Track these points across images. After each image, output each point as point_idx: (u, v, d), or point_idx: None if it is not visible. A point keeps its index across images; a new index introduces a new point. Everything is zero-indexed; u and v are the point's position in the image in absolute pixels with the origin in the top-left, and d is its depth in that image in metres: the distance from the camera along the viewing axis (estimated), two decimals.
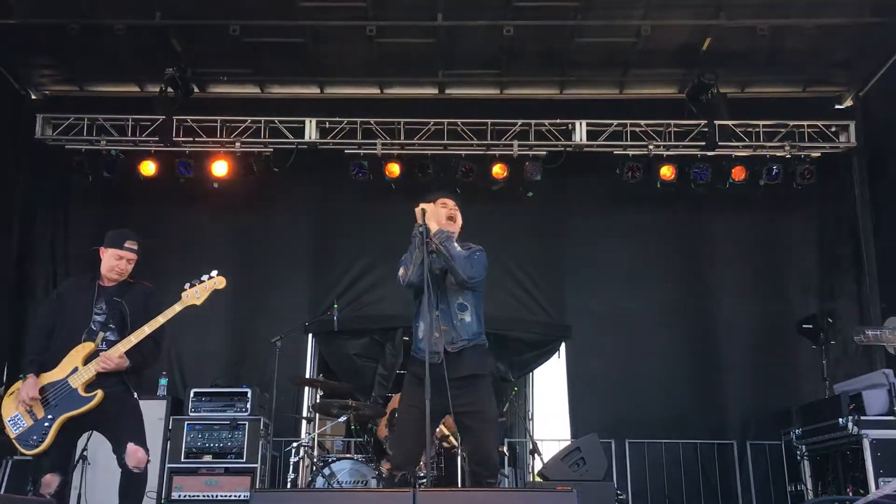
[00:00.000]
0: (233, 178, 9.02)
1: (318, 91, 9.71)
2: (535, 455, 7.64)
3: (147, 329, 4.39)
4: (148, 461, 4.32)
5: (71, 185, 9.45)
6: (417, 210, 4.37)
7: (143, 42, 8.41)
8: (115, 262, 4.58)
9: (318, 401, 8.24)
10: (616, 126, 9.05)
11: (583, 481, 6.21)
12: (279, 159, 9.12)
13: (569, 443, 7.41)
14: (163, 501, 7.20)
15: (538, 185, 9.03)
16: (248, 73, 9.34)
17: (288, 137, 9.09)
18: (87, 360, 4.34)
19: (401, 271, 4.35)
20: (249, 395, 7.66)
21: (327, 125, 9.14)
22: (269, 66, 9.20)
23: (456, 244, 4.29)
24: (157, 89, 8.71)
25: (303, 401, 8.90)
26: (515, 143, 9.00)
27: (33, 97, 9.61)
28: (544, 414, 9.65)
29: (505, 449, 8.35)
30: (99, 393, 4.29)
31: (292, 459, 7.11)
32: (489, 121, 9.07)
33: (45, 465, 4.22)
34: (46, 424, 4.20)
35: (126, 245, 4.60)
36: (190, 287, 4.57)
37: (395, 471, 4.13)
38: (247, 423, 7.47)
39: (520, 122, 9.07)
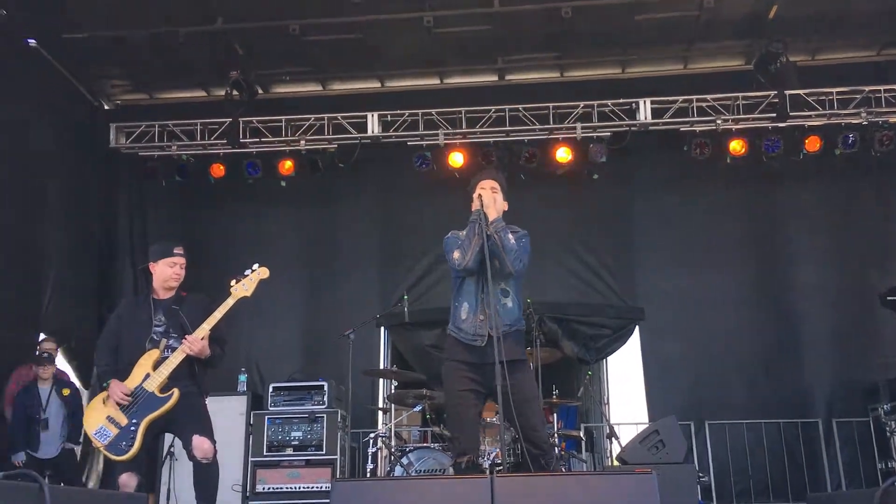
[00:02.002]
0: (299, 176, 9.17)
1: (378, 85, 9.78)
2: (613, 439, 7.56)
3: (206, 326, 4.54)
4: (215, 452, 4.40)
5: (145, 190, 9.76)
6: (475, 196, 4.39)
7: (207, 48, 8.59)
8: (169, 270, 4.73)
9: (392, 391, 8.31)
10: (682, 102, 8.86)
11: (662, 464, 6.12)
12: (343, 155, 9.22)
13: (646, 426, 7.31)
14: (248, 494, 7.39)
15: (603, 166, 8.91)
16: (309, 71, 9.47)
17: (351, 133, 9.19)
18: (156, 365, 4.48)
19: (456, 255, 4.34)
20: (326, 388, 7.79)
21: (389, 118, 9.20)
22: (330, 63, 9.30)
23: (510, 234, 4.29)
24: (223, 93, 8.92)
25: (378, 392, 9.01)
26: (578, 125, 8.90)
27: (106, 107, 9.96)
28: (620, 397, 9.54)
29: (582, 434, 8.30)
30: (175, 392, 4.41)
31: (370, 450, 7.20)
32: (551, 104, 8.99)
33: (119, 467, 4.36)
34: (133, 429, 4.34)
35: (175, 251, 4.77)
36: (236, 282, 4.72)
37: (461, 457, 4.16)
38: (325, 415, 7.60)
39: (582, 104, 8.97)
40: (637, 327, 9.13)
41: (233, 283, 4.73)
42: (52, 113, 8.76)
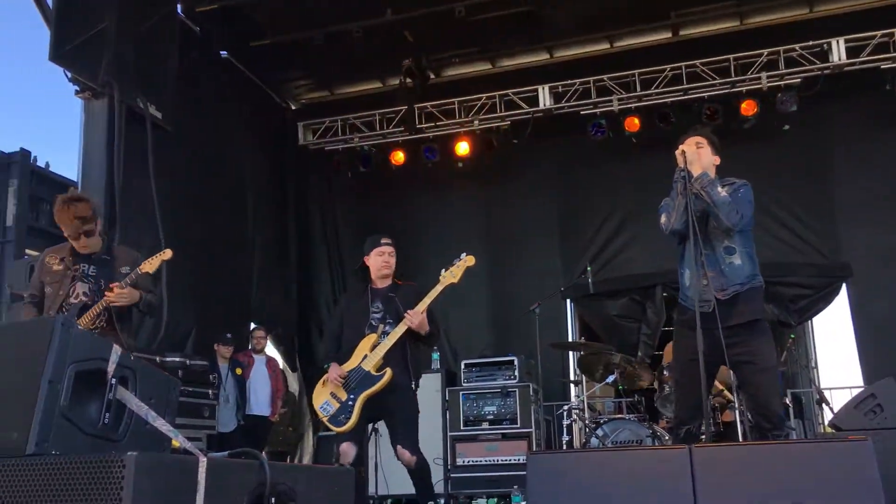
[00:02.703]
0: (475, 155, 9.31)
1: (547, 57, 9.69)
2: (823, 405, 7.10)
3: (423, 304, 4.79)
4: (416, 459, 4.65)
5: (333, 182, 10.30)
6: (678, 154, 4.14)
7: (378, 40, 8.89)
8: (380, 260, 4.97)
9: (582, 363, 8.28)
10: (881, 37, 8.09)
11: (882, 430, 5.67)
12: (517, 131, 9.24)
13: (861, 389, 6.79)
14: (449, 467, 7.66)
15: (794, 116, 8.34)
16: (477, 50, 9.56)
17: (523, 108, 9.18)
18: (373, 347, 4.75)
19: (662, 219, 4.13)
20: (516, 362, 7.89)
21: (560, 89, 9.10)
22: (497, 40, 9.34)
23: (719, 188, 4.00)
24: (397, 82, 9.20)
25: (568, 365, 9.00)
26: (764, 74, 8.37)
27: (293, 108, 10.59)
28: (829, 360, 8.92)
29: (788, 400, 7.86)
30: (388, 371, 4.65)
31: (565, 422, 7.23)
32: (731, 56, 8.51)
33: (341, 437, 4.71)
34: (350, 404, 4.69)
35: (382, 242, 5.01)
36: (446, 270, 4.95)
37: (680, 426, 4.05)
38: (517, 389, 7.71)
39: (766, 51, 8.42)
40: (844, 285, 8.49)
41: (443, 271, 4.96)
42: (246, 118, 9.44)
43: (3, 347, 2.47)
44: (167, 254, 4.45)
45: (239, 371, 7.74)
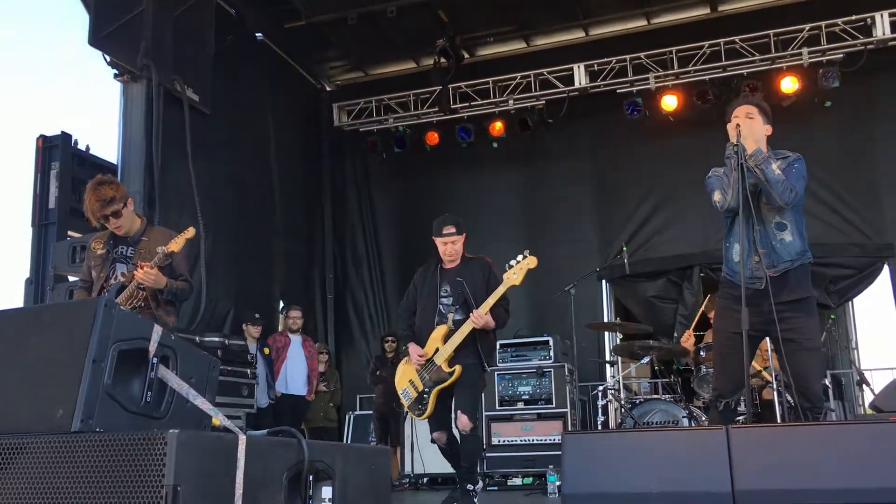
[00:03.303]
0: (510, 135, 9.26)
1: (583, 35, 9.58)
2: (864, 386, 7.00)
3: (491, 300, 4.87)
4: (472, 427, 4.81)
5: (369, 163, 10.33)
6: (731, 127, 3.99)
7: (413, 19, 8.87)
8: (443, 249, 5.03)
9: (618, 344, 8.25)
10: None
11: None
12: (552, 110, 9.17)
13: None
14: (485, 447, 7.69)
15: (836, 92, 8.16)
16: (512, 29, 9.47)
17: (558, 87, 9.10)
18: (445, 339, 4.89)
19: (717, 196, 3.97)
20: (551, 343, 7.88)
21: (596, 68, 9.00)
22: (532, 18, 9.25)
23: (773, 165, 3.87)
24: (431, 62, 9.17)
25: (604, 345, 8.97)
26: (805, 50, 8.19)
27: (328, 89, 10.61)
28: (870, 341, 8.78)
29: (828, 382, 7.76)
30: (458, 368, 4.82)
31: (600, 403, 7.21)
32: (771, 31, 8.33)
33: (432, 425, 4.99)
34: (425, 397, 4.90)
35: (444, 232, 5.02)
36: (510, 269, 4.99)
37: (719, 399, 4.01)
38: (552, 370, 7.70)
39: (808, 26, 8.23)
40: (887, 265, 8.32)
41: (507, 267, 5.01)
42: (282, 100, 9.49)
43: (48, 327, 2.53)
44: (190, 232, 4.42)
45: (266, 350, 7.85)
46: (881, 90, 8.52)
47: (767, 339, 4.16)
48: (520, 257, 5.01)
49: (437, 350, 4.93)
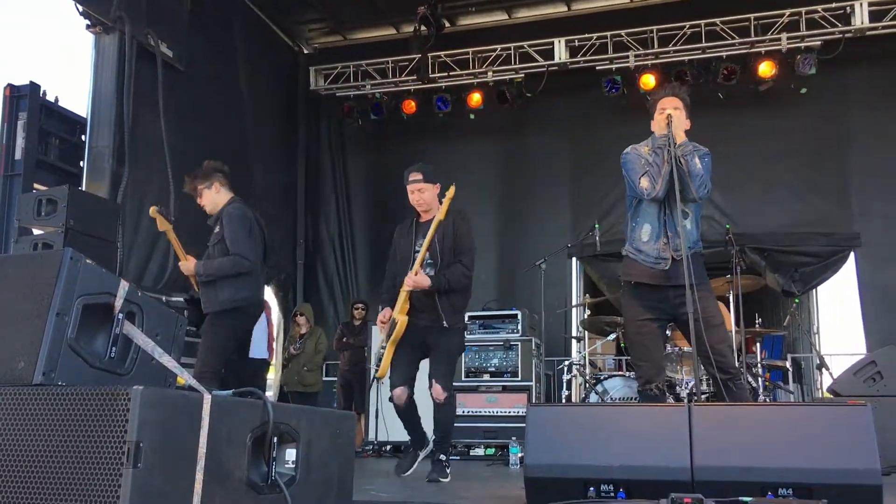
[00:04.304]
0: (487, 107, 9.22)
1: (565, 9, 9.54)
2: (823, 370, 7.14)
3: (418, 261, 4.65)
4: (446, 396, 4.62)
5: (345, 129, 10.24)
6: (661, 118, 4.14)
7: None
8: (411, 198, 4.82)
9: (585, 320, 8.32)
10: None
11: (880, 397, 5.71)
12: (531, 84, 9.15)
13: (862, 356, 6.82)
14: None
15: (812, 80, 8.22)
16: (494, 0, 9.39)
17: (538, 61, 9.07)
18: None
19: (644, 183, 4.09)
20: (519, 316, 7.92)
21: (577, 43, 8.98)
22: None
23: (696, 159, 4.02)
24: (412, 29, 9.07)
25: (571, 321, 9.04)
26: (784, 35, 8.23)
27: (305, 51, 10.47)
28: (832, 327, 8.94)
29: (788, 364, 7.91)
30: (402, 320, 4.60)
31: (565, 377, 7.29)
32: (752, 15, 8.37)
33: (395, 380, 4.70)
34: (381, 351, 4.73)
35: (410, 179, 4.82)
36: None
37: (648, 384, 4.10)
38: (519, 343, 7.75)
39: (788, 11, 8.28)
40: (853, 253, 8.46)
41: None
42: (258, 60, 9.34)
43: (11, 278, 2.48)
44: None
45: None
46: (856, 79, 8.61)
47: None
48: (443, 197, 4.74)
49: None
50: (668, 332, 5.35)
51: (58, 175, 6.76)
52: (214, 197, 5.21)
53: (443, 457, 4.76)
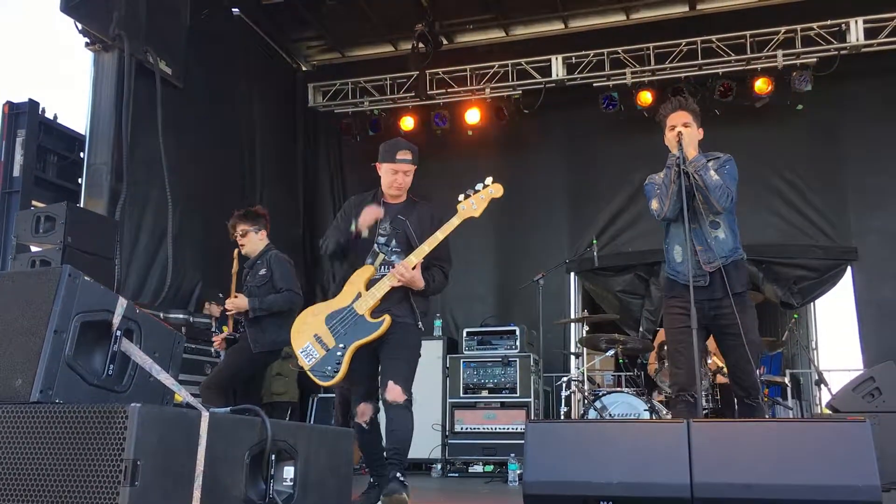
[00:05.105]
0: (485, 124, 9.26)
1: (562, 27, 9.59)
2: (822, 386, 7.13)
3: (426, 247, 3.99)
4: (405, 398, 3.90)
5: (343, 145, 10.26)
6: (672, 135, 4.15)
7: (393, 2, 8.82)
8: (391, 178, 4.24)
9: (584, 336, 8.31)
10: None
11: (879, 413, 5.70)
12: (528, 101, 9.18)
13: (861, 372, 6.81)
14: (447, 433, 7.72)
15: (808, 96, 8.26)
16: (492, 17, 9.46)
17: (535, 77, 9.11)
18: (369, 284, 4.02)
19: (654, 204, 4.15)
20: (518, 332, 7.92)
21: (574, 60, 9.02)
22: (512, 7, 9.25)
23: (712, 171, 4.03)
24: (410, 46, 9.12)
25: (570, 337, 9.03)
26: (780, 52, 8.28)
27: (304, 69, 10.51)
28: (830, 342, 8.94)
29: (787, 380, 7.90)
30: (387, 318, 3.93)
31: (563, 393, 7.27)
32: (748, 32, 8.42)
33: (359, 395, 4.08)
34: (339, 354, 3.92)
35: (398, 157, 4.24)
36: (465, 198, 4.15)
37: (682, 392, 4.07)
38: (517, 359, 7.75)
39: (783, 28, 8.33)
40: (850, 268, 8.47)
41: (461, 198, 4.14)
42: (257, 77, 9.37)
43: (9, 295, 2.48)
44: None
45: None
46: (852, 96, 8.64)
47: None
48: (480, 185, 4.21)
49: (358, 296, 4.02)
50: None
51: (56, 192, 6.77)
52: (257, 241, 5.51)
53: (400, 475, 3.89)
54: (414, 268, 3.95)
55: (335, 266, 4.46)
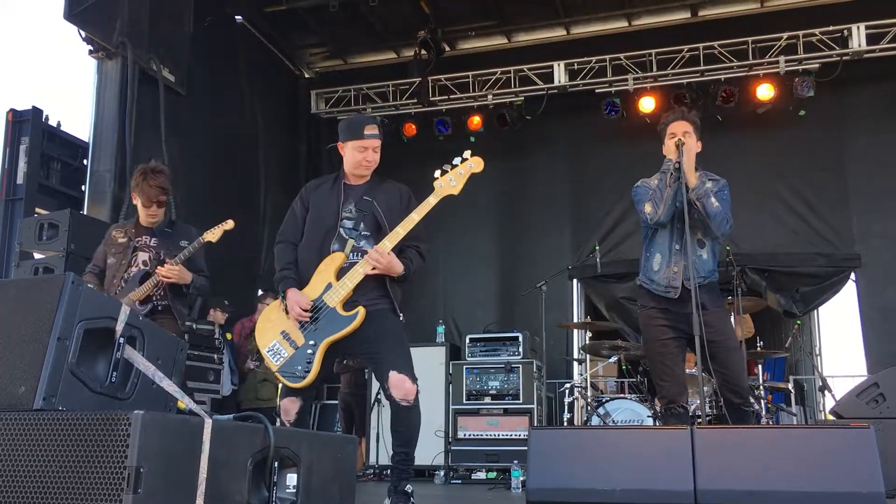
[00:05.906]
0: (488, 130, 9.27)
1: (564, 33, 9.61)
2: (826, 392, 7.11)
3: (401, 230, 3.65)
4: (417, 392, 3.53)
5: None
6: (671, 142, 4.16)
7: (394, 9, 8.84)
8: (359, 156, 3.82)
9: (587, 342, 8.31)
10: None
11: (883, 419, 5.68)
12: (530, 107, 9.20)
13: (865, 378, 6.79)
14: (450, 440, 7.71)
15: (811, 102, 8.26)
16: (494, 24, 9.49)
17: (537, 84, 9.12)
18: (340, 273, 3.62)
19: (647, 208, 4.14)
20: (521, 339, 7.91)
21: (576, 66, 9.03)
22: (514, 14, 9.28)
23: (713, 199, 4.04)
24: (412, 53, 9.15)
25: (573, 343, 9.03)
26: (782, 58, 8.28)
27: (306, 75, 10.54)
28: (833, 348, 8.92)
29: (790, 386, 7.88)
30: (361, 311, 3.55)
31: (567, 400, 7.26)
32: (750, 38, 8.42)
33: (284, 390, 3.69)
34: (310, 352, 3.54)
35: (367, 132, 3.81)
36: (442, 174, 3.81)
37: (671, 404, 4.08)
38: (520, 366, 7.73)
39: (786, 34, 8.33)
40: (853, 274, 8.46)
41: (437, 174, 3.80)
42: (260, 84, 9.39)
43: (12, 302, 2.48)
44: (229, 224, 4.62)
45: (229, 336, 7.77)
46: (854, 101, 8.65)
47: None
48: (458, 160, 3.86)
49: (328, 286, 3.61)
50: None
51: (59, 199, 6.79)
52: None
53: (409, 487, 3.59)
54: (390, 254, 3.60)
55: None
